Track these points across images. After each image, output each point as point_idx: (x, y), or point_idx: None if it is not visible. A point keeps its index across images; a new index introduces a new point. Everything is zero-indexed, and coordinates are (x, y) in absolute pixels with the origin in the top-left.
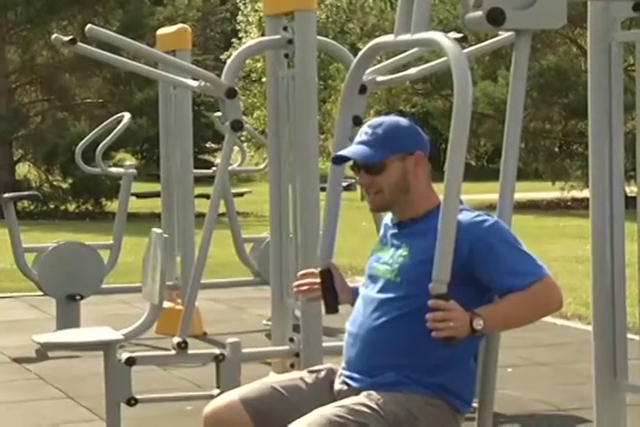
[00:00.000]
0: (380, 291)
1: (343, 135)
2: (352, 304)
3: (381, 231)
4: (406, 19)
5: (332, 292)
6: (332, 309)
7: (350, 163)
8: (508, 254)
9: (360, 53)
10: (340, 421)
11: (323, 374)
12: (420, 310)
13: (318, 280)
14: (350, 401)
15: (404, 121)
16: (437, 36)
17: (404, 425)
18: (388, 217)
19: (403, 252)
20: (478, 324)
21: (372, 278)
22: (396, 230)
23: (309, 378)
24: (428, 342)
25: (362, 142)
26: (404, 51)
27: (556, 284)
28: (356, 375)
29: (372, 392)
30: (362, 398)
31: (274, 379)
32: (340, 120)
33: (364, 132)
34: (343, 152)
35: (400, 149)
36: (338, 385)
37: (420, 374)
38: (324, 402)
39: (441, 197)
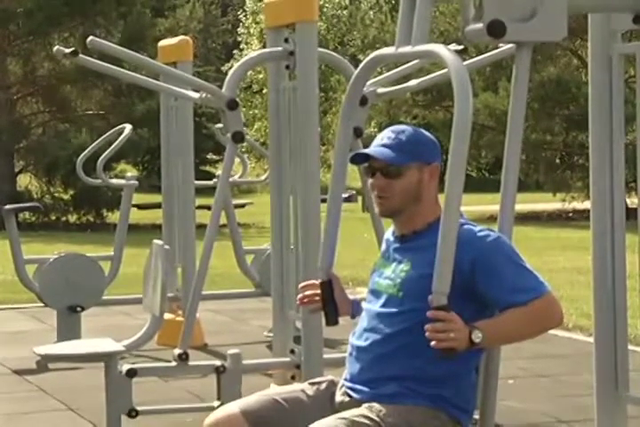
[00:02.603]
0: (383, 306)
1: (344, 147)
2: (351, 316)
3: (383, 246)
4: (407, 31)
5: (332, 303)
6: (332, 320)
7: (363, 164)
8: (510, 270)
9: (361, 65)
10: None
11: (324, 386)
12: (422, 323)
13: (319, 292)
14: (351, 413)
15: (425, 132)
16: (438, 48)
17: None
18: (389, 232)
19: (404, 266)
20: (477, 337)
21: (375, 294)
22: (397, 245)
23: (310, 390)
24: (429, 354)
25: (384, 145)
26: (405, 62)
27: (556, 300)
28: (357, 387)
29: (373, 404)
30: (363, 409)
31: (275, 391)
32: (340, 132)
33: (386, 137)
34: (366, 151)
35: (420, 157)
36: (339, 397)
37: (422, 386)
38: (325, 414)
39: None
